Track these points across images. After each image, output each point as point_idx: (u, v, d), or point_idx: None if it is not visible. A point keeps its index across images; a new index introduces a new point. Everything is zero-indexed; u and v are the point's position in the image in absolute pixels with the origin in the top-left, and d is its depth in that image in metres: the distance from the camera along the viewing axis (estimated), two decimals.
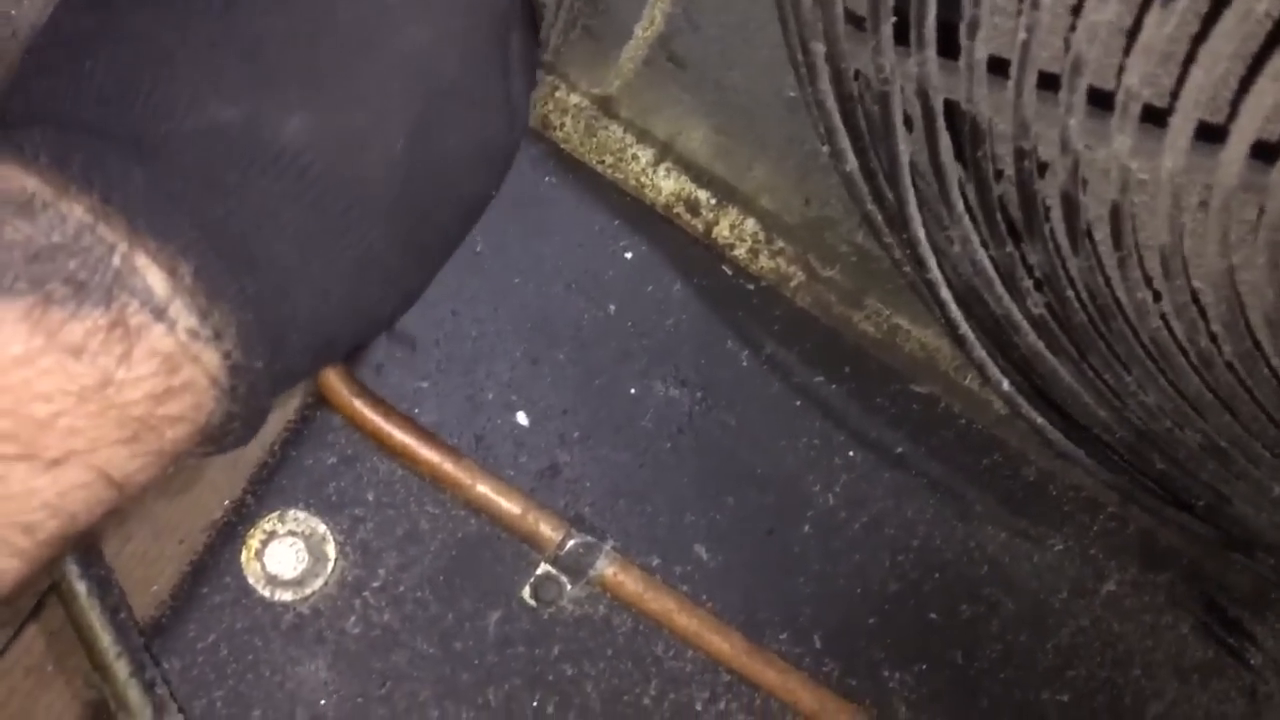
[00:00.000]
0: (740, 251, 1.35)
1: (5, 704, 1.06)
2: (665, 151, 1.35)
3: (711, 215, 1.35)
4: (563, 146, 1.34)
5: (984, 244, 0.86)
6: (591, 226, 1.32)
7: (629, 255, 1.31)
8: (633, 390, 1.27)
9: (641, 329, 1.29)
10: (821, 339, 1.32)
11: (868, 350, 1.33)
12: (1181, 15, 0.58)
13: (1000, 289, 0.88)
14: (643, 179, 1.34)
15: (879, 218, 0.90)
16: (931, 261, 0.88)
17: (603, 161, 1.34)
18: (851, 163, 0.87)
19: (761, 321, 1.32)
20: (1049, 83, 0.70)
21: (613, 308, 1.30)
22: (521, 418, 1.26)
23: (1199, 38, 0.59)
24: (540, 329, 1.28)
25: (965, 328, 0.92)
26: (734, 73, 1.17)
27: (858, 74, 0.79)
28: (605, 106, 1.35)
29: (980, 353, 0.93)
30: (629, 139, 1.35)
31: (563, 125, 1.34)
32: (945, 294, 0.90)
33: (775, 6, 0.82)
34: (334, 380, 1.15)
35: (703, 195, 1.35)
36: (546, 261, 1.30)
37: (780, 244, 1.35)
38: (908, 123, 0.79)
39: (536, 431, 1.25)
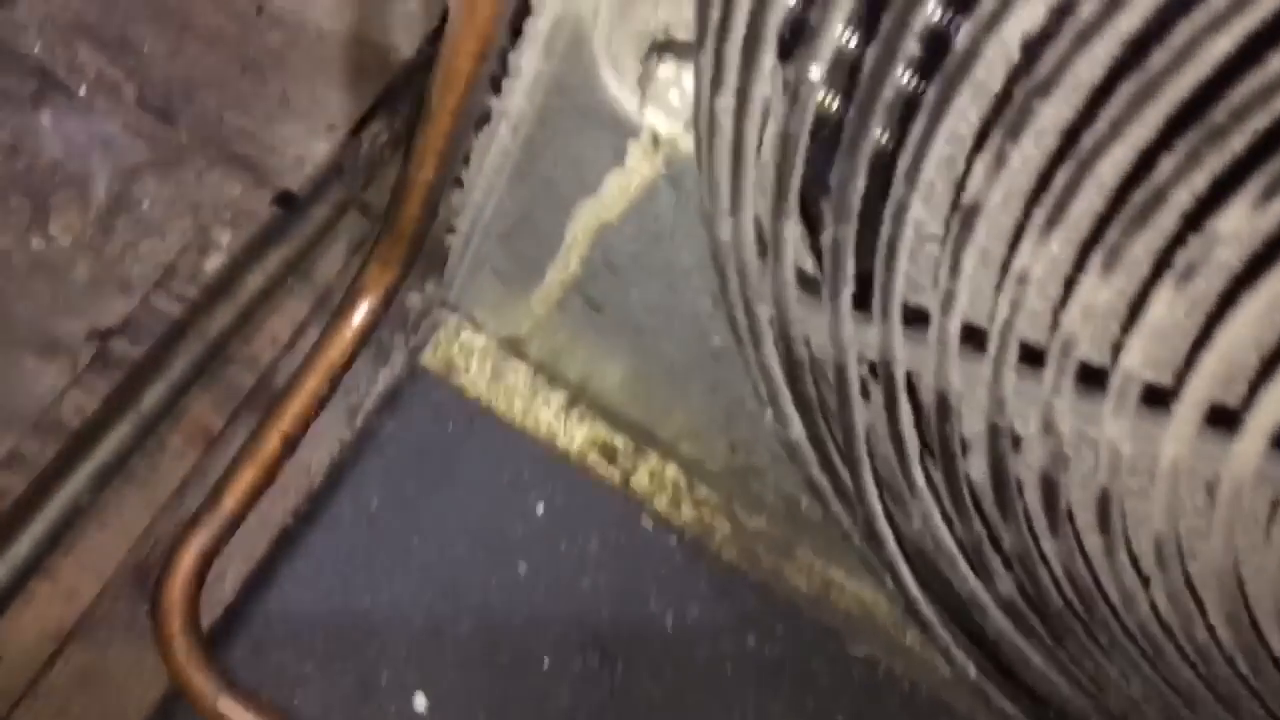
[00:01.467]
0: (661, 501, 1.25)
1: None
2: (578, 395, 1.26)
3: (629, 463, 1.25)
4: (468, 391, 1.24)
5: (947, 521, 0.77)
6: (499, 478, 1.21)
7: (540, 509, 1.20)
8: (547, 663, 1.14)
9: (555, 592, 1.17)
10: (751, 596, 1.21)
11: (801, 607, 1.23)
12: (1196, 297, 0.51)
13: (965, 568, 0.79)
14: (554, 425, 1.25)
15: (827, 487, 0.81)
16: (889, 538, 0.79)
17: (511, 407, 1.24)
18: (797, 430, 0.79)
19: (686, 579, 1.21)
20: (1031, 357, 0.62)
21: (523, 568, 1.17)
22: (420, 701, 1.11)
23: (1214, 318, 0.52)
24: (443, 596, 1.15)
25: (926, 609, 0.82)
26: (654, 318, 1.09)
27: (808, 340, 0.71)
28: (513, 348, 1.26)
29: (943, 635, 0.83)
30: (539, 382, 1.26)
31: (468, 368, 1.25)
32: (904, 572, 0.81)
33: (711, 262, 0.75)
34: (195, 672, 1.00)
35: (620, 441, 1.26)
36: (450, 518, 1.18)
37: (704, 492, 1.25)
38: (864, 392, 0.71)
39: (437, 717, 1.10)
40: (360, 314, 1.19)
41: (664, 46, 0.80)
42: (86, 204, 1.44)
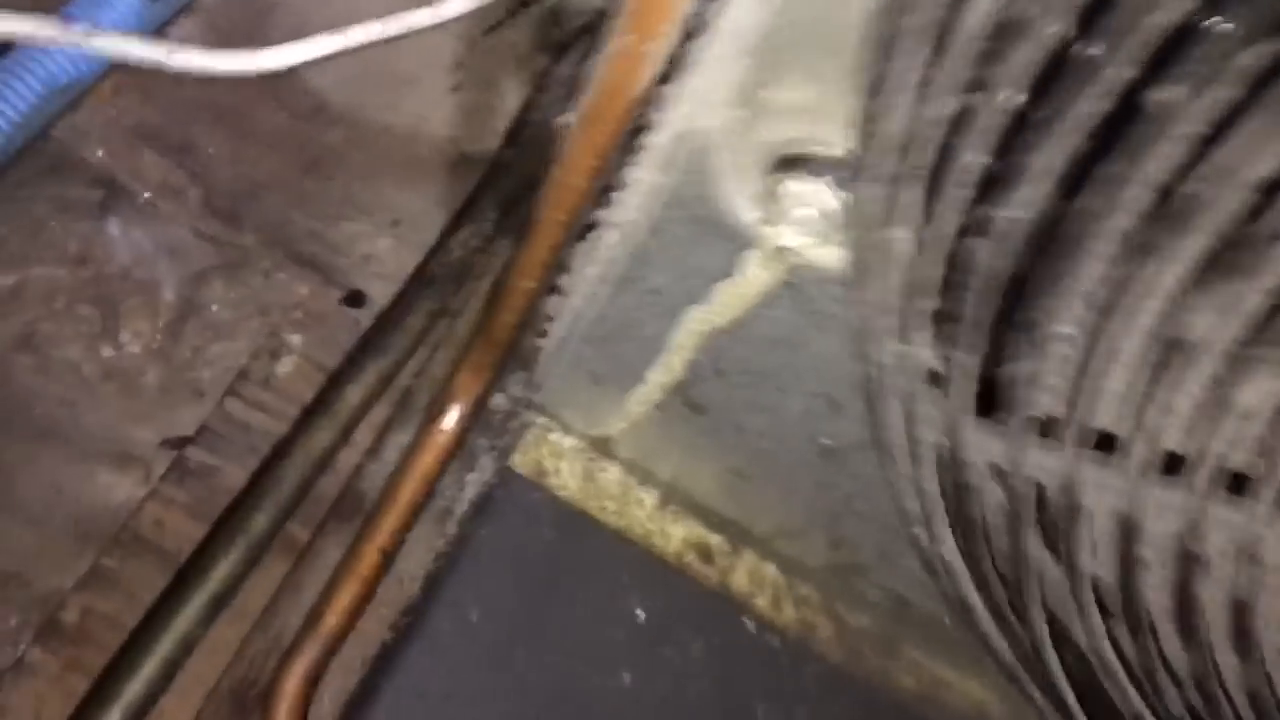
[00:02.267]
0: (762, 601, 1.22)
1: None
2: (670, 494, 1.23)
3: (727, 562, 1.22)
4: (559, 494, 1.22)
5: (1113, 641, 0.74)
6: (598, 583, 1.18)
7: (641, 614, 1.17)
8: None
9: (661, 702, 1.14)
10: (858, 697, 1.18)
11: (910, 707, 1.19)
12: None
13: (1132, 688, 0.76)
14: (649, 525, 1.22)
15: (979, 605, 0.78)
16: (1052, 657, 0.76)
17: (604, 508, 1.22)
18: (949, 547, 0.76)
19: (792, 681, 1.18)
20: (1235, 483, 0.60)
21: (627, 678, 1.14)
22: None
23: None
24: (547, 709, 1.11)
25: None
26: (759, 418, 1.07)
27: (978, 464, 0.69)
28: (603, 448, 1.24)
29: None
30: (631, 482, 1.24)
31: (558, 470, 1.22)
32: (1068, 694, 0.78)
33: (866, 386, 0.73)
34: None
35: (715, 540, 1.23)
36: (550, 627, 1.15)
37: (805, 590, 1.22)
38: (1039, 515, 0.68)
39: None
40: (452, 419, 1.17)
41: (792, 161, 0.79)
42: (155, 310, 1.42)
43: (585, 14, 1.63)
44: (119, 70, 1.50)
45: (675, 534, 1.19)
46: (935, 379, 0.66)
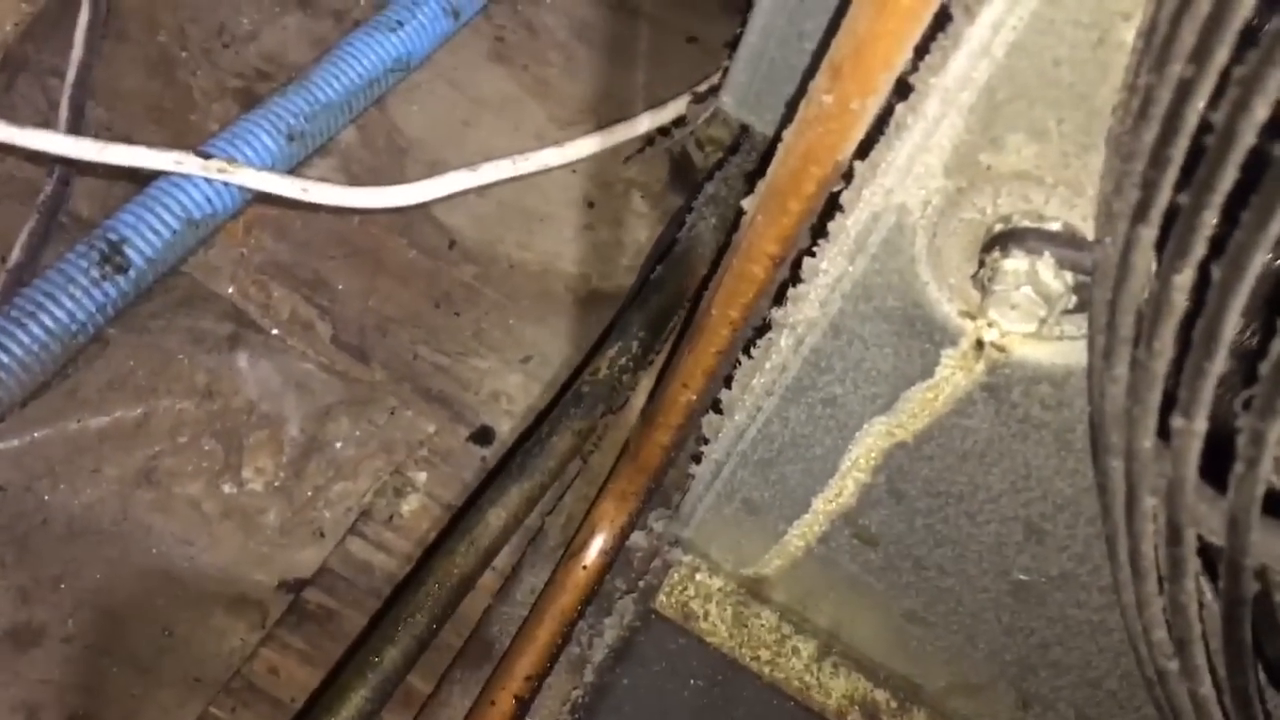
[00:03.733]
0: None
1: None
2: (830, 643, 1.11)
3: None
4: (708, 640, 1.10)
5: None
6: None
7: None
8: None
9: None
10: None
11: None
12: None
13: None
14: (806, 678, 1.10)
15: None
16: None
17: (757, 657, 1.10)
18: (1208, 685, 0.64)
19: None
20: None
21: None
22: None
23: None
24: None
25: None
26: (942, 550, 0.95)
27: (1262, 571, 0.58)
28: (756, 590, 1.13)
29: None
30: (786, 628, 1.12)
31: (706, 614, 1.11)
32: None
33: (1104, 487, 0.62)
34: None
35: (881, 696, 1.10)
36: None
37: None
38: None
39: None
40: (593, 554, 1.08)
41: (1005, 237, 0.70)
42: (280, 446, 1.37)
43: (719, 146, 1.60)
44: (254, 207, 1.49)
45: (836, 688, 1.07)
46: (1215, 467, 0.55)
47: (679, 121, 1.52)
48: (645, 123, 1.60)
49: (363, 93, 1.55)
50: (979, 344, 0.79)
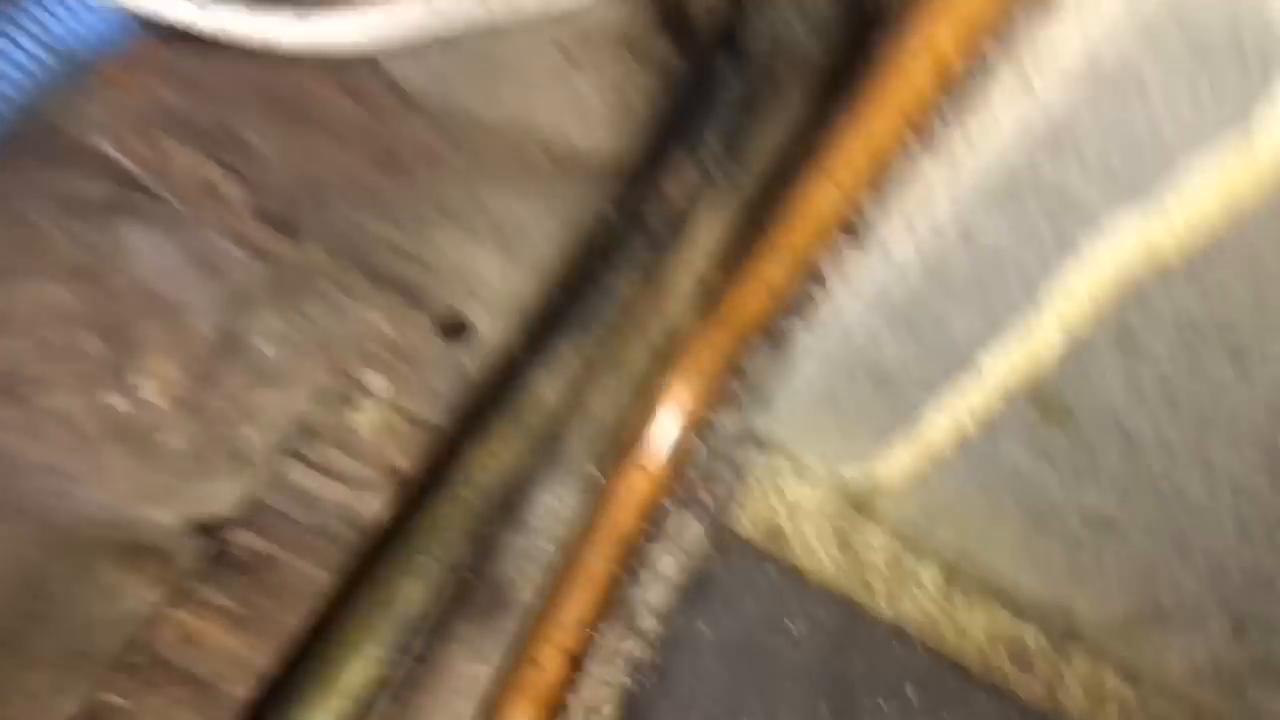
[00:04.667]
0: None
1: None
2: (956, 570, 0.84)
3: (1050, 668, 0.82)
4: (805, 569, 0.82)
5: None
6: (870, 697, 0.78)
7: None
8: None
9: None
10: None
11: None
12: None
13: None
14: (936, 615, 0.82)
15: None
16: None
17: (872, 591, 0.82)
18: None
19: None
20: None
21: None
22: None
23: None
24: None
25: None
26: (1174, 417, 0.68)
27: None
28: (860, 502, 0.85)
29: None
30: (901, 551, 0.84)
31: (802, 537, 0.82)
32: None
33: None
34: None
35: (1030, 636, 0.83)
36: None
37: (1167, 709, 0.82)
38: None
39: None
40: (660, 453, 0.78)
41: None
42: (184, 344, 1.03)
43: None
44: (140, 44, 1.14)
45: (974, 627, 0.79)
46: None
47: None
48: None
49: None
50: None
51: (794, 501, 0.82)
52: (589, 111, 1.26)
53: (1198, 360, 0.65)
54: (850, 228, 0.69)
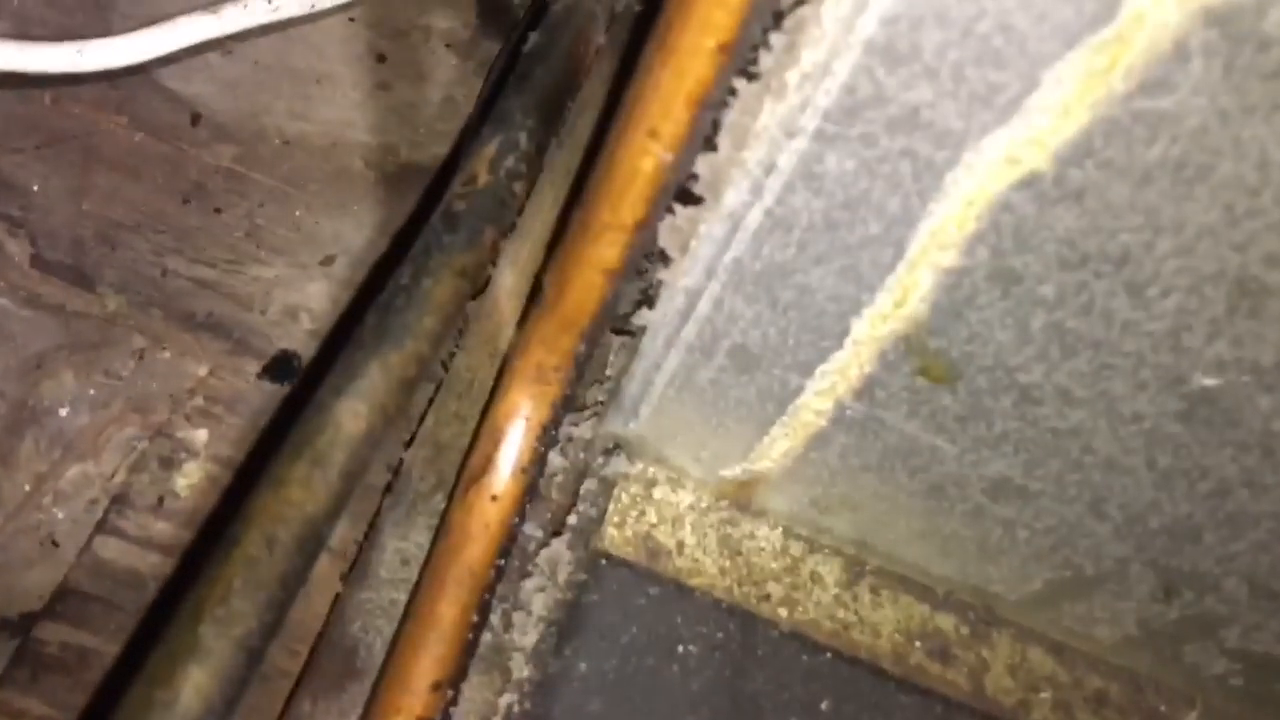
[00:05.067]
0: (1041, 712, 0.74)
1: None
2: (860, 557, 0.75)
3: (971, 656, 0.75)
4: (690, 583, 0.73)
5: None
6: (782, 712, 0.69)
7: None
8: None
9: None
10: None
11: None
12: None
13: None
14: (840, 614, 0.73)
15: None
16: None
17: (767, 597, 0.73)
18: None
19: None
20: None
21: None
22: None
23: None
24: None
25: None
26: (1072, 363, 0.61)
27: None
28: (742, 500, 0.76)
29: None
30: (795, 548, 0.75)
31: (681, 546, 0.73)
32: None
33: None
34: None
35: (947, 623, 0.75)
36: None
37: (1113, 687, 0.75)
38: None
39: None
40: (505, 474, 0.68)
41: None
42: None
43: None
44: None
45: (883, 622, 0.71)
46: None
47: None
48: None
49: None
50: None
51: (671, 511, 0.73)
52: (410, 115, 1.15)
53: (1088, 294, 0.57)
54: (684, 192, 0.60)
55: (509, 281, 0.77)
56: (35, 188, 1.02)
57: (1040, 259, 0.56)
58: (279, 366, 0.98)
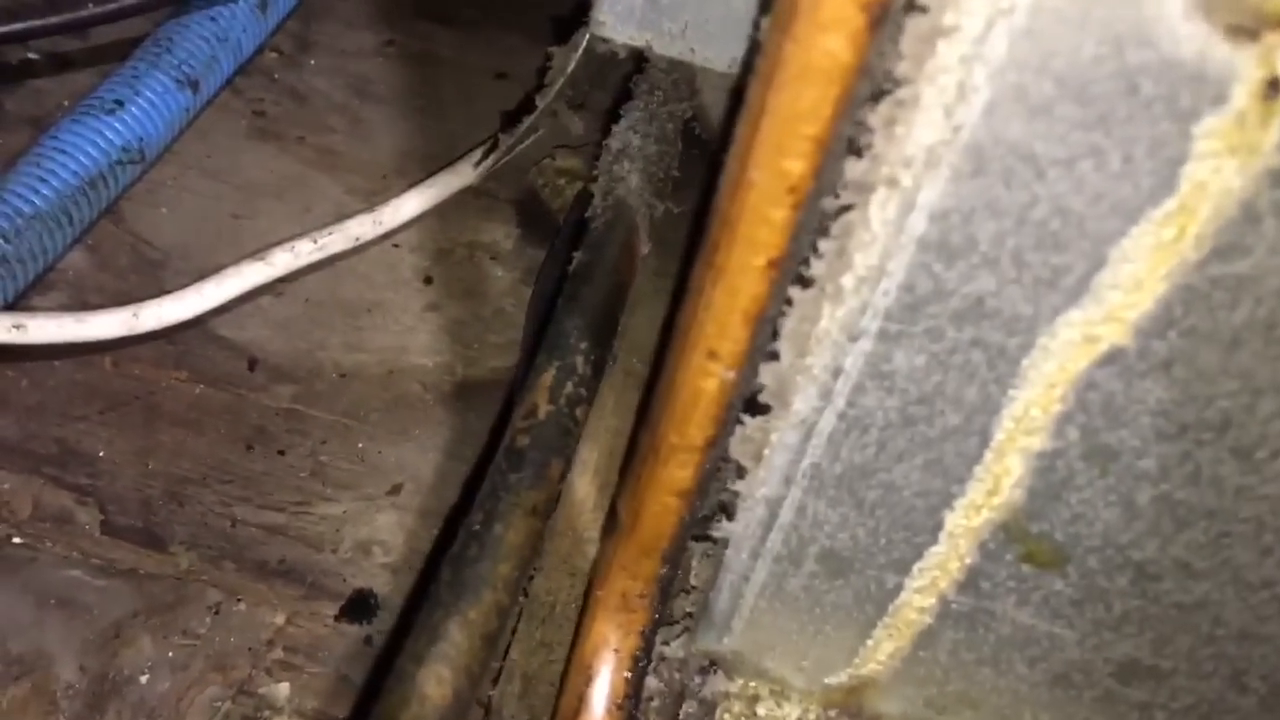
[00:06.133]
0: None
1: None
2: None
3: None
4: None
5: None
6: None
7: None
8: None
9: None
10: None
11: None
12: None
13: None
14: None
15: None
16: None
17: None
18: None
19: None
20: None
21: None
22: None
23: None
24: None
25: None
26: (1188, 535, 0.57)
27: None
28: (852, 707, 0.71)
29: None
30: None
31: None
32: None
33: None
34: None
35: None
36: None
37: None
38: None
39: None
40: (599, 712, 0.65)
41: None
42: (52, 701, 0.88)
43: (574, 177, 1.23)
44: None
45: None
46: None
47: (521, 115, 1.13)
48: (472, 166, 1.22)
49: (83, 196, 1.11)
50: (1273, 84, 0.42)
51: None
52: (462, 332, 1.16)
53: (1193, 463, 0.53)
54: (752, 402, 0.58)
55: (580, 494, 0.75)
56: (101, 453, 1.02)
57: (1136, 433, 0.53)
58: (356, 607, 0.96)
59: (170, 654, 0.93)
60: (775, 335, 0.55)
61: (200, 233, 1.20)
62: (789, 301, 0.54)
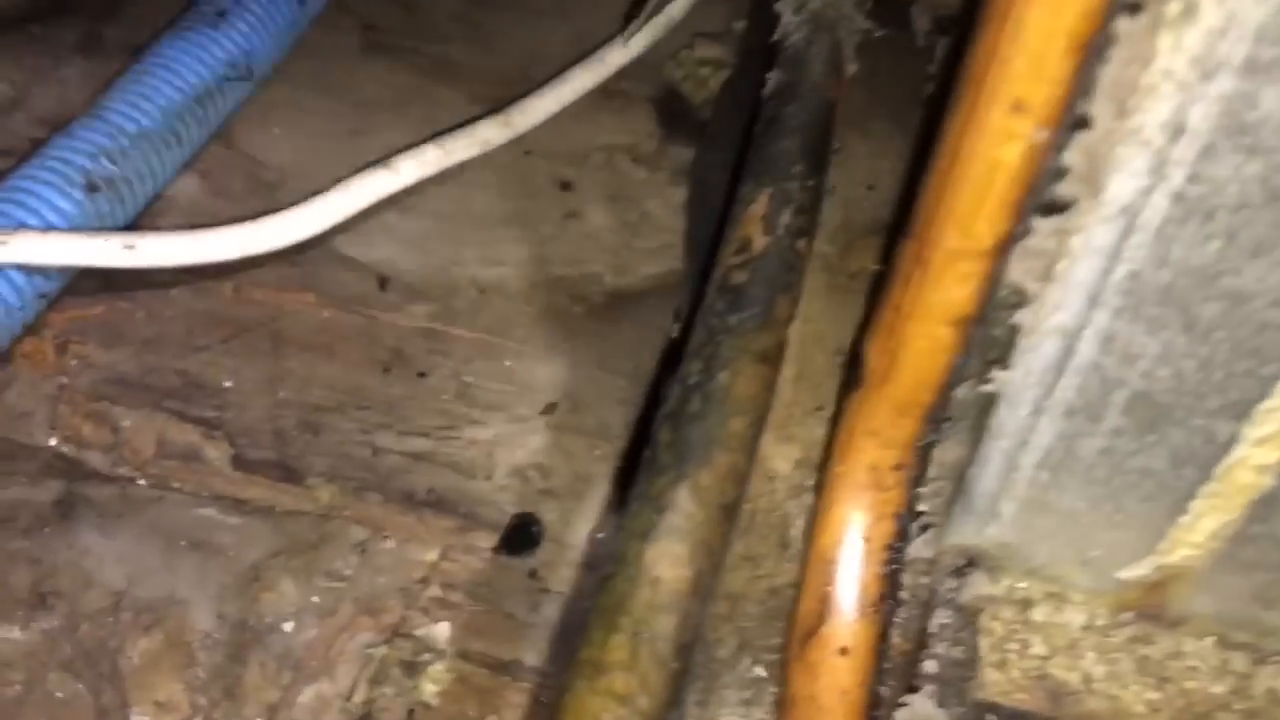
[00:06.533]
0: None
1: None
2: None
3: None
4: None
5: None
6: None
7: None
8: None
9: None
10: None
11: None
12: None
13: None
14: None
15: None
16: None
17: None
18: None
19: None
20: None
21: None
22: None
23: None
24: None
25: None
26: None
27: None
28: (1153, 608, 0.57)
29: None
30: (1238, 662, 0.56)
31: (1089, 681, 0.55)
32: None
33: None
34: None
35: None
36: None
37: None
38: None
39: None
40: (850, 618, 0.52)
41: None
42: (188, 653, 0.79)
43: (716, 66, 1.10)
44: (64, 310, 0.94)
45: None
46: None
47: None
48: (611, 59, 1.10)
49: (190, 114, 1.02)
50: None
51: (1064, 636, 0.55)
52: (608, 240, 1.04)
53: None
54: (1044, 202, 0.44)
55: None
56: (227, 384, 0.92)
57: None
58: (517, 536, 0.84)
59: (315, 598, 0.82)
60: (1087, 92, 0.41)
61: (318, 151, 1.09)
62: (1111, 39, 0.40)
